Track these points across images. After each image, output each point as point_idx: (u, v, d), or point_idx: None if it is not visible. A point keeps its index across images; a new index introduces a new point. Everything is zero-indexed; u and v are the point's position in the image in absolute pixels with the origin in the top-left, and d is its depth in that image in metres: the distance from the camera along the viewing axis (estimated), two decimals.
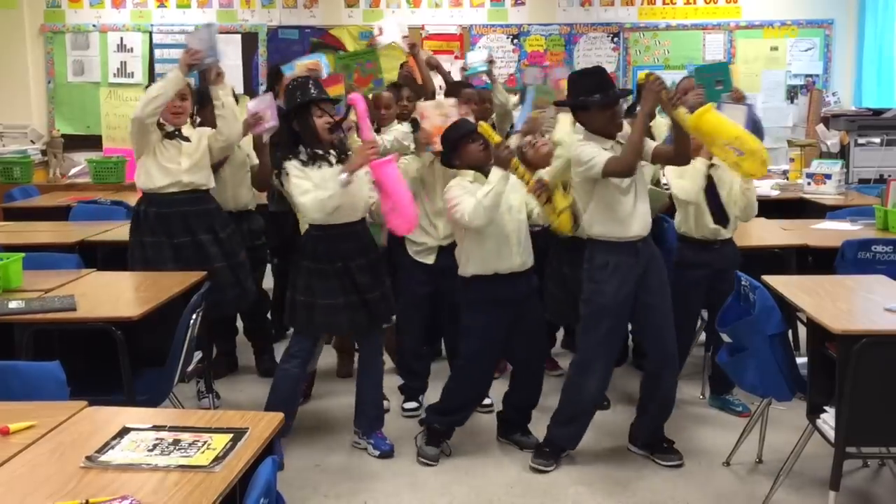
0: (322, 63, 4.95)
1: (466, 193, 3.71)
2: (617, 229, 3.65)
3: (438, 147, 4.03)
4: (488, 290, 3.81)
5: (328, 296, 3.76)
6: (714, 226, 4.26)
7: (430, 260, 4.30)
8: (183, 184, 4.28)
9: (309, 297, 3.79)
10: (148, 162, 4.25)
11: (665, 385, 3.82)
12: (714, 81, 5.22)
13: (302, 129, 3.76)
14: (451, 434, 4.02)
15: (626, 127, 4.11)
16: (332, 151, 3.79)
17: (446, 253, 4.17)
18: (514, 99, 5.48)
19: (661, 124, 5.69)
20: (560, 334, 5.34)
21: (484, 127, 3.79)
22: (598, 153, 3.59)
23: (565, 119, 4.15)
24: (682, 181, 4.20)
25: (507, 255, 3.79)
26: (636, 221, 3.66)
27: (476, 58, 5.43)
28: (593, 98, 3.62)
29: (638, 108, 3.61)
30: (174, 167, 4.26)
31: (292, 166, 3.70)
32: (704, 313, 4.55)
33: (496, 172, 3.63)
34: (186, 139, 4.32)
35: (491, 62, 5.33)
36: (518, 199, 3.82)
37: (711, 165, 4.21)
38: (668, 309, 3.77)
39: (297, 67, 4.77)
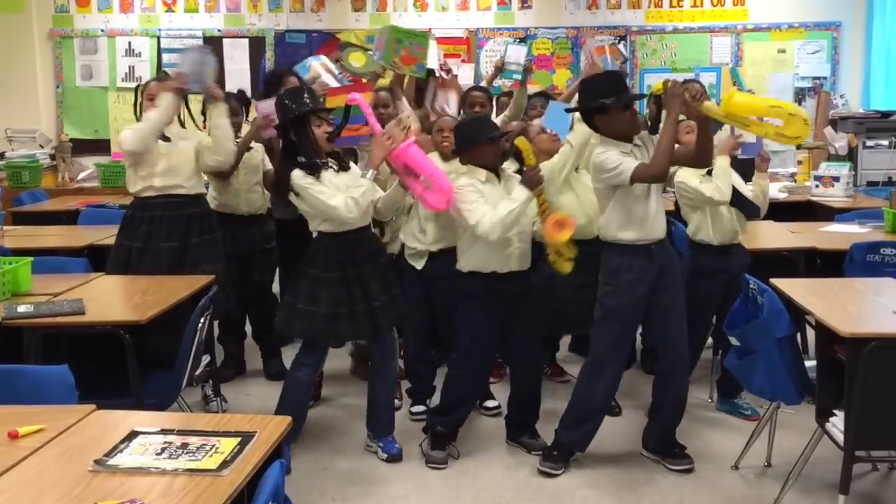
0: (322, 62, 4.97)
1: (481, 199, 3.70)
2: (635, 233, 3.64)
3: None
4: (484, 286, 3.81)
5: (333, 305, 3.75)
6: (734, 227, 4.25)
7: (419, 265, 4.29)
8: (156, 188, 4.31)
9: (310, 306, 3.76)
10: (133, 166, 4.34)
11: (676, 387, 3.81)
12: None
13: (300, 139, 3.74)
14: (455, 435, 4.02)
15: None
16: (330, 160, 3.78)
17: (437, 260, 4.17)
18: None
19: None
20: (566, 339, 5.32)
21: (522, 143, 3.79)
22: (623, 159, 3.56)
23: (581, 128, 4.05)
24: (712, 184, 4.11)
25: (507, 258, 3.80)
26: (654, 224, 3.66)
27: (515, 55, 5.43)
28: (609, 101, 3.59)
29: (664, 114, 3.60)
30: (148, 171, 4.31)
31: (301, 177, 3.66)
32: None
33: (523, 192, 3.66)
34: (166, 139, 4.33)
35: (528, 70, 5.36)
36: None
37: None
38: (682, 311, 3.76)
39: (311, 68, 4.79)
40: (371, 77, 5.05)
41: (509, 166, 3.96)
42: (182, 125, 4.49)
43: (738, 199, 4.21)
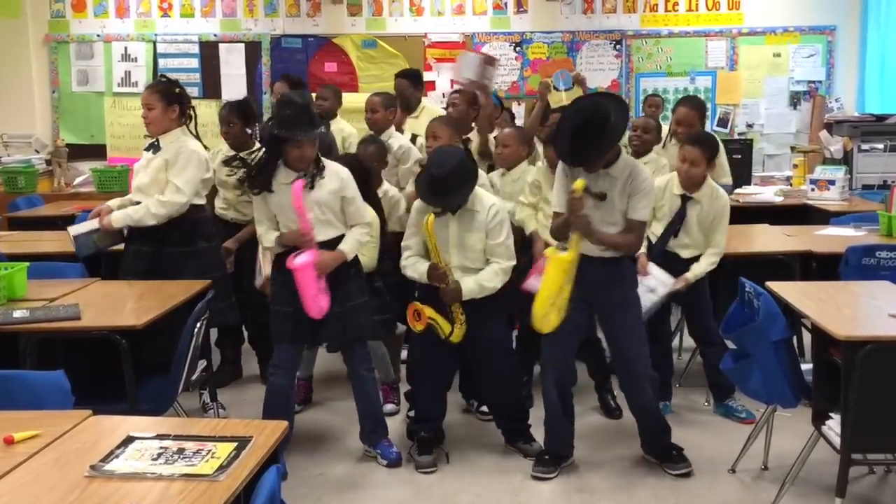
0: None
1: (416, 235, 3.93)
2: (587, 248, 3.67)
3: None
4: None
5: (279, 303, 3.83)
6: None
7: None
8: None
9: (272, 305, 3.87)
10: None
11: (636, 398, 3.83)
12: None
13: (269, 153, 3.79)
14: (442, 439, 4.04)
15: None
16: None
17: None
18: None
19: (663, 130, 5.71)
20: None
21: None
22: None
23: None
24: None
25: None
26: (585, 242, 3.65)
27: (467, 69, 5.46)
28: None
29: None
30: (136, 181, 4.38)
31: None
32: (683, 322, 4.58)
33: (423, 274, 3.87)
34: (157, 150, 4.30)
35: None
36: (473, 242, 3.87)
37: (689, 198, 4.30)
38: (629, 324, 3.75)
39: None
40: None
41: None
42: (199, 139, 4.43)
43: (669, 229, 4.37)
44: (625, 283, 3.76)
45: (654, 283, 4.16)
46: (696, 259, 4.34)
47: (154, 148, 4.30)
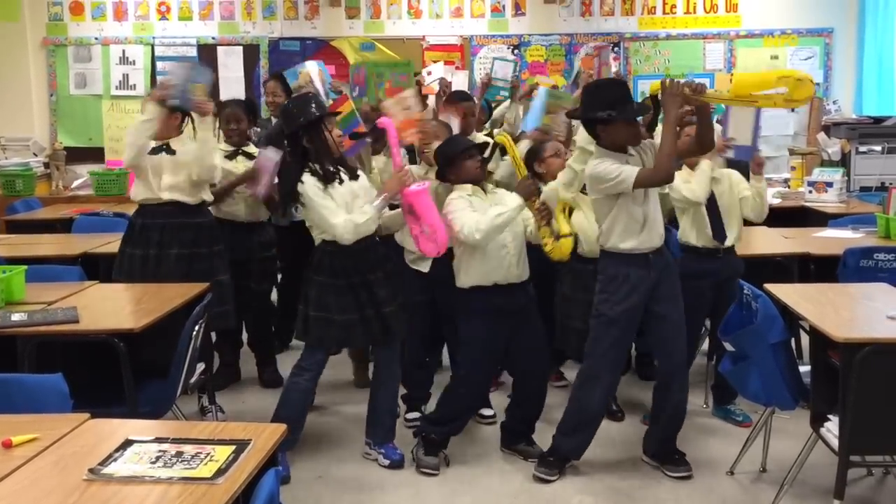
0: (318, 69, 4.98)
1: (467, 208, 3.73)
2: (634, 242, 3.63)
3: (409, 141, 4.19)
4: (487, 301, 3.81)
5: (344, 311, 3.76)
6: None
7: (425, 268, 4.29)
8: (162, 200, 4.36)
9: (324, 313, 3.77)
10: (136, 175, 4.40)
11: (675, 396, 3.81)
12: None
13: (314, 145, 3.74)
14: (447, 443, 4.02)
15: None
16: (340, 168, 3.78)
17: (441, 261, 4.17)
18: (503, 106, 5.51)
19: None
20: None
21: (503, 139, 3.86)
22: (623, 168, 3.54)
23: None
24: (689, 184, 4.19)
25: (505, 267, 3.80)
26: (652, 232, 3.66)
27: (501, 72, 5.45)
28: (614, 113, 3.55)
29: (661, 117, 3.61)
30: (155, 183, 4.36)
31: (311, 186, 3.67)
32: (707, 322, 4.54)
33: (515, 199, 3.71)
34: (172, 152, 4.36)
35: (514, 87, 5.40)
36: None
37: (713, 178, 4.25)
38: (680, 320, 3.76)
39: (301, 75, 4.79)
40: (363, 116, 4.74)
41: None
42: (193, 130, 4.47)
43: (711, 217, 4.26)
44: (674, 278, 3.76)
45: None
46: (734, 247, 4.35)
47: (166, 150, 4.35)
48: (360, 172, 3.92)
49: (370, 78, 4.73)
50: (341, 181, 3.75)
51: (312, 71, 5.02)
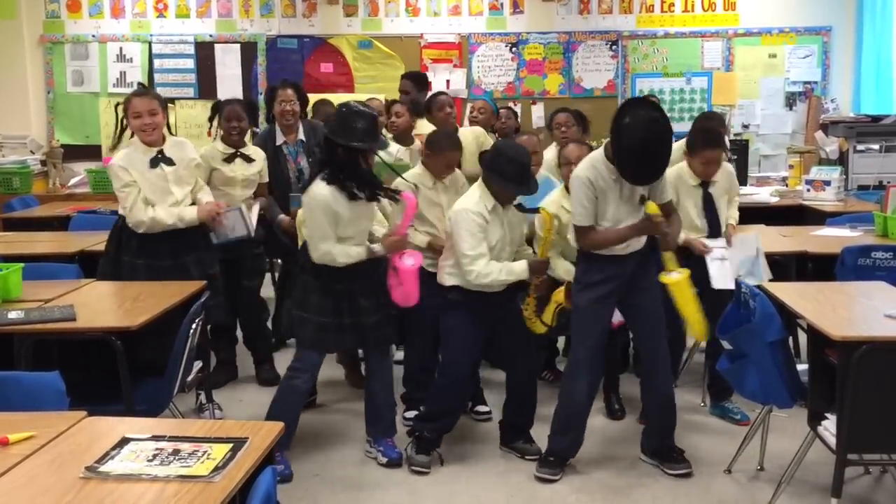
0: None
1: (479, 233, 3.76)
2: (614, 248, 3.67)
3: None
4: (466, 294, 3.85)
5: (322, 313, 3.76)
6: None
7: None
8: (178, 203, 4.28)
9: (302, 311, 3.79)
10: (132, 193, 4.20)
11: (661, 386, 3.83)
12: None
13: (345, 169, 3.70)
14: (440, 442, 4.02)
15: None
16: (364, 188, 3.75)
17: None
18: None
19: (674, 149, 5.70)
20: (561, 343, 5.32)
21: (545, 238, 3.96)
22: (585, 210, 3.63)
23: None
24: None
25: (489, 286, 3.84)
26: (634, 242, 3.69)
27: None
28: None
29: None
30: (160, 199, 4.21)
31: (327, 196, 3.65)
32: None
33: (524, 272, 3.81)
34: (171, 162, 4.23)
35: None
36: (519, 235, 3.96)
37: (707, 183, 4.31)
38: (658, 311, 3.78)
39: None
40: None
41: None
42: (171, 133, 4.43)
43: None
44: (651, 270, 3.77)
45: (718, 252, 4.25)
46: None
47: (164, 161, 4.22)
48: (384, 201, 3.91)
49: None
50: (364, 198, 3.75)
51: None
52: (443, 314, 3.94)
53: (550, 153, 5.10)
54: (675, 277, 3.63)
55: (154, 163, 4.21)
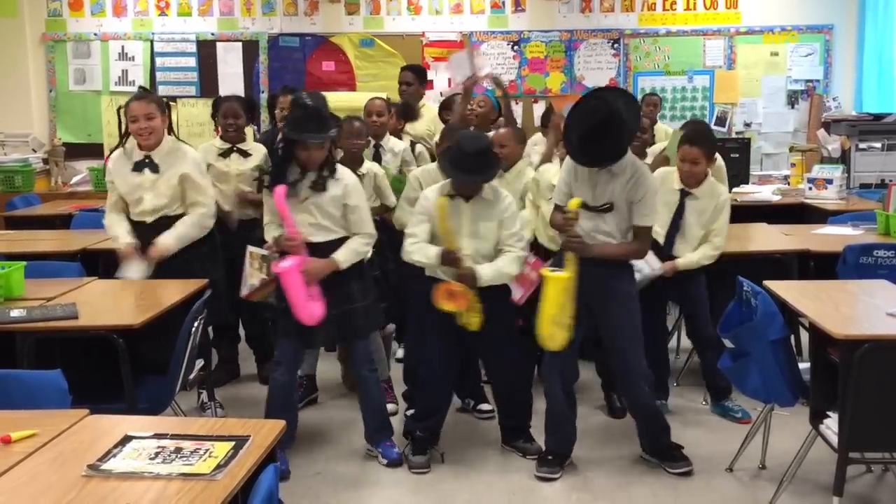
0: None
1: (425, 220, 3.83)
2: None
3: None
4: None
5: (279, 299, 3.79)
6: None
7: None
8: (147, 223, 4.24)
9: (286, 303, 3.74)
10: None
11: (636, 397, 3.83)
12: None
13: (284, 154, 3.78)
14: (436, 440, 4.02)
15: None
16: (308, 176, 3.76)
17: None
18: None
19: (660, 130, 5.71)
20: None
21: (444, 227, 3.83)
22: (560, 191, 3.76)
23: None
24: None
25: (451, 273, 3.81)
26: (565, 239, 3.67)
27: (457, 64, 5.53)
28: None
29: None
30: (134, 209, 4.23)
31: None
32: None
33: (437, 257, 3.76)
34: (155, 168, 4.17)
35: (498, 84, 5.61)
36: (490, 231, 3.84)
37: (687, 193, 4.30)
38: (620, 322, 3.72)
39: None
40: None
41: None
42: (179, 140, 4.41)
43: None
44: (622, 280, 3.76)
45: (640, 264, 4.08)
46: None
47: (149, 166, 4.17)
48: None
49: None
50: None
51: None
52: (423, 308, 3.91)
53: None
54: (555, 274, 3.58)
55: (139, 167, 4.18)
